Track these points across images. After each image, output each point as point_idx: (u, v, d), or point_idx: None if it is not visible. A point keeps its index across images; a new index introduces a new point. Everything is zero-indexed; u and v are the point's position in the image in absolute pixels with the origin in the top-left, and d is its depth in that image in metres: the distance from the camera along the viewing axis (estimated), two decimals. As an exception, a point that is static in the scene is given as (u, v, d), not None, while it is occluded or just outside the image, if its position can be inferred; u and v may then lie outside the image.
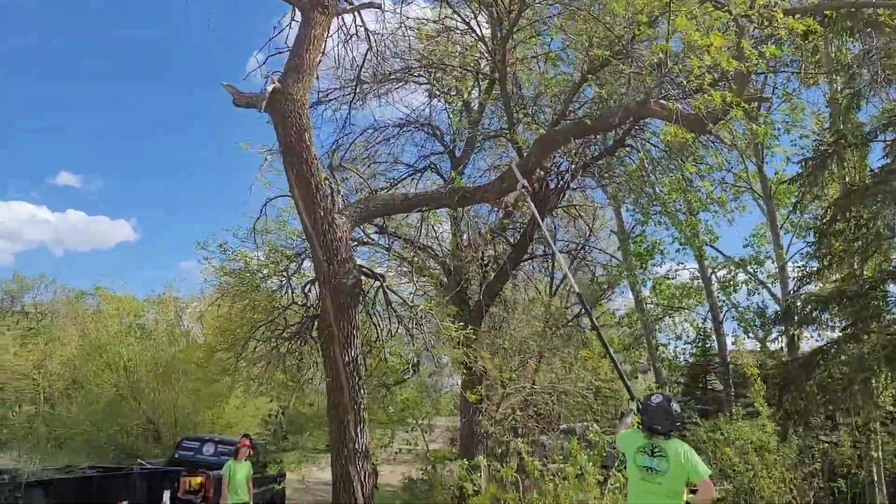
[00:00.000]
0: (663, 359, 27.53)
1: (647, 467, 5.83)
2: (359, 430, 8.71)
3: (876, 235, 10.79)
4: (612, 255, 28.80)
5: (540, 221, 8.19)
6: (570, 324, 30.23)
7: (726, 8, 8.34)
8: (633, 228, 25.64)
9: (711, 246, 25.15)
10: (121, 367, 26.10)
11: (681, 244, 22.95)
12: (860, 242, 11.63)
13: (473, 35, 13.22)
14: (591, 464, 8.14)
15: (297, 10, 9.19)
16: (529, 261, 17.59)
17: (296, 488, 23.29)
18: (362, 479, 8.62)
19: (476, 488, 7.70)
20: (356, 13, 10.56)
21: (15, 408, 31.99)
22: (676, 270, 27.93)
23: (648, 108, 7.94)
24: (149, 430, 27.24)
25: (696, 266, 26.66)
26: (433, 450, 18.12)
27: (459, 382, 16.63)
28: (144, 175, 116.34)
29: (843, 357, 11.14)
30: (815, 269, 12.81)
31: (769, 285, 24.24)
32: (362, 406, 8.82)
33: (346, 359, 8.71)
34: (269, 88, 8.52)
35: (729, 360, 24.75)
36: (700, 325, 27.98)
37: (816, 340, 15.01)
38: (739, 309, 26.07)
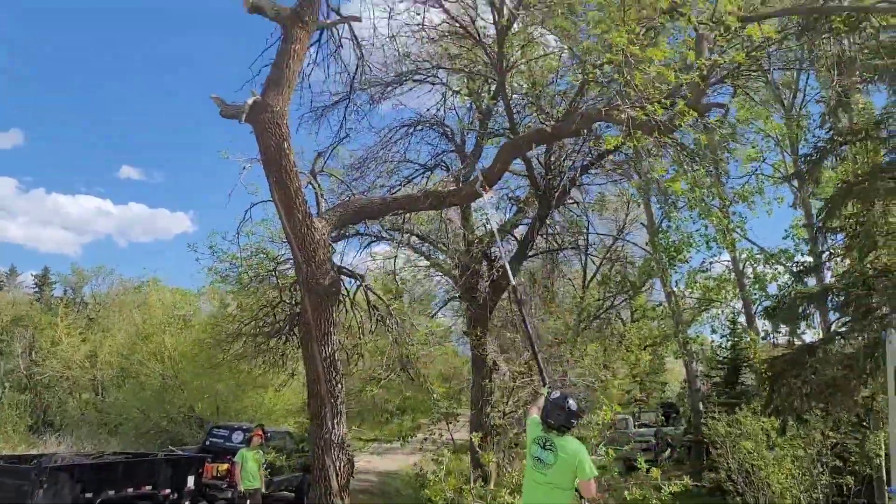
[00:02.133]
0: (693, 353, 27.37)
1: (537, 458, 6.13)
2: (335, 421, 9.23)
3: (866, 234, 10.73)
4: (644, 249, 28.86)
5: (495, 229, 8.43)
6: (602, 317, 30.36)
7: (686, 16, 8.49)
8: (661, 222, 25.60)
9: (746, 238, 24.91)
10: (165, 357, 27.25)
11: (707, 241, 22.82)
12: (858, 240, 11.56)
13: (472, 39, 13.52)
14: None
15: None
16: (536, 256, 17.80)
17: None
18: (338, 468, 9.13)
19: (436, 477, 8.10)
20: (347, 24, 11.04)
21: (76, 395, 33.63)
22: (711, 262, 27.72)
23: (604, 115, 8.20)
24: (192, 417, 28.36)
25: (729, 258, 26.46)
26: (447, 441, 18.57)
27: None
28: (200, 169, 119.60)
29: (828, 354, 11.13)
30: (811, 264, 12.75)
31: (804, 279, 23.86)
32: (339, 399, 9.33)
33: (324, 354, 9.23)
34: (250, 101, 9.05)
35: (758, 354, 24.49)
36: (734, 318, 27.67)
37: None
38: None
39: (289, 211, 9.18)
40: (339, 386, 9.31)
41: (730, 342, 27.15)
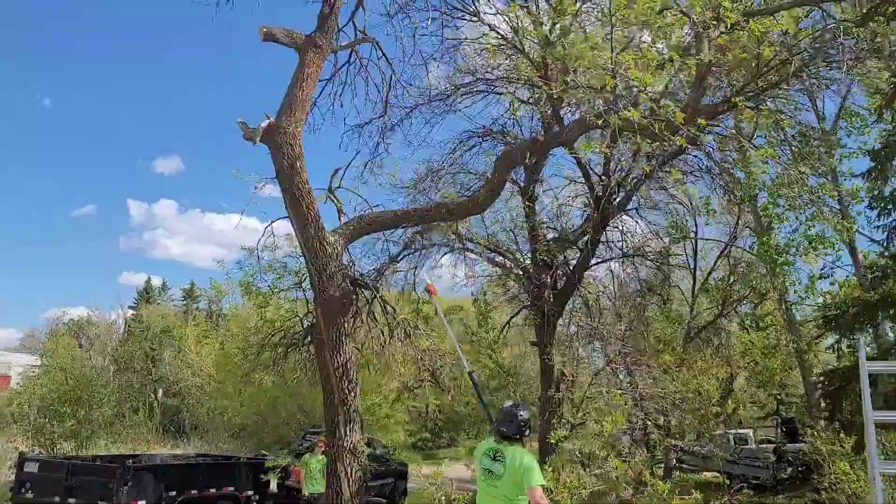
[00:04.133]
0: (809, 364, 25.55)
1: (488, 470, 6.02)
2: (347, 429, 9.53)
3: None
4: (752, 254, 27.28)
5: (440, 313, 8.42)
6: (713, 326, 29.02)
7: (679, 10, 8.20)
8: (768, 225, 24.16)
9: (869, 238, 23.01)
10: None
11: (812, 242, 21.17)
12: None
13: (515, 49, 13.51)
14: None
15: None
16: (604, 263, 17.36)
17: (432, 482, 24.39)
18: (349, 475, 9.42)
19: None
20: (375, 44, 11.39)
21: (205, 401, 36.13)
22: (832, 267, 25.78)
23: (588, 123, 8.03)
24: (306, 423, 29.74)
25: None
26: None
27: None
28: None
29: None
30: (888, 268, 11.61)
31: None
32: (353, 407, 9.62)
33: (336, 364, 9.55)
34: (263, 124, 9.58)
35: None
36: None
37: None
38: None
39: (302, 226, 9.62)
40: (353, 394, 9.60)
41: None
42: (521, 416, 6.11)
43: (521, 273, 16.56)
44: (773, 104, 16.77)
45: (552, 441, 13.86)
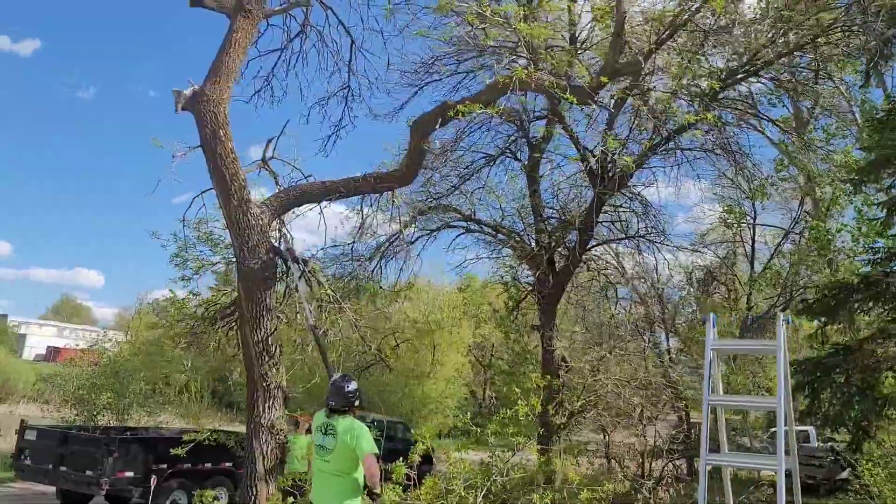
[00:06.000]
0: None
1: (320, 445, 5.81)
2: (266, 405, 9.26)
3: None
4: (806, 239, 25.36)
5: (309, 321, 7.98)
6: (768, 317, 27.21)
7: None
8: (826, 209, 22.41)
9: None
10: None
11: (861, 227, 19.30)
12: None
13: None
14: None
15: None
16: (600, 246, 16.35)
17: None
18: (265, 452, 9.17)
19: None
20: (329, 11, 11.00)
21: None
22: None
23: (500, 86, 7.41)
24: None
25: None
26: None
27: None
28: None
29: (865, 356, 8.95)
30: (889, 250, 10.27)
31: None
32: (272, 384, 9.33)
33: (256, 339, 9.29)
34: (188, 91, 9.38)
35: None
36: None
37: None
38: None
39: (226, 196, 9.38)
40: (273, 370, 9.32)
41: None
42: (348, 387, 5.95)
43: (525, 255, 15.87)
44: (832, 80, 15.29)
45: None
